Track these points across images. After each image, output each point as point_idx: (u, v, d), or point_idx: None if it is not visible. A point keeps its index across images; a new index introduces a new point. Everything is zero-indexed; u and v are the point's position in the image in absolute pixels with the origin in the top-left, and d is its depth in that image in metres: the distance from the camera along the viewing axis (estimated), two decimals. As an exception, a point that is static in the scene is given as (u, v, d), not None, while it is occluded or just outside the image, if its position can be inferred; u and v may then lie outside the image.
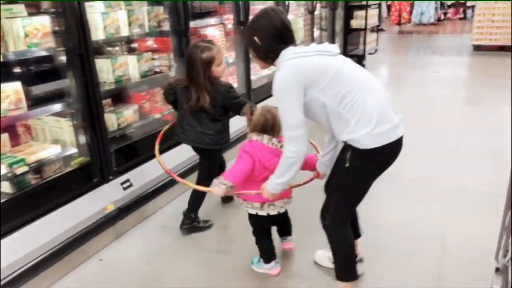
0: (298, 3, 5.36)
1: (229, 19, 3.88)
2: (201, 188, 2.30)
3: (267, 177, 1.91)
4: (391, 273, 2.24)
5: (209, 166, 2.61)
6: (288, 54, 1.73)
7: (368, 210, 2.22)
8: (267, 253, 2.24)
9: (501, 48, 8.93)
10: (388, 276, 2.21)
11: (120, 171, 2.68)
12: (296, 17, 5.29)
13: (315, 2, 5.39)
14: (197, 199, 2.61)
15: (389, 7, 13.99)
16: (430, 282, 2.16)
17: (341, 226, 1.92)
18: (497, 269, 1.48)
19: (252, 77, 4.24)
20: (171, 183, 2.91)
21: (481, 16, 9.03)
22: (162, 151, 2.49)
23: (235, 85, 4.03)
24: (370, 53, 7.59)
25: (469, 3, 15.30)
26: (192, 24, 3.23)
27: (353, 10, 6.88)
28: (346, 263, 1.96)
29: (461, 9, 15.64)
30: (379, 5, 7.99)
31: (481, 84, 6.34)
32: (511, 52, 8.07)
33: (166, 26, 3.08)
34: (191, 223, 2.66)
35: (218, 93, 2.34)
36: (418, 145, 3.82)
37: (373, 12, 7.10)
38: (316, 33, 6.06)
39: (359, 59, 7.28)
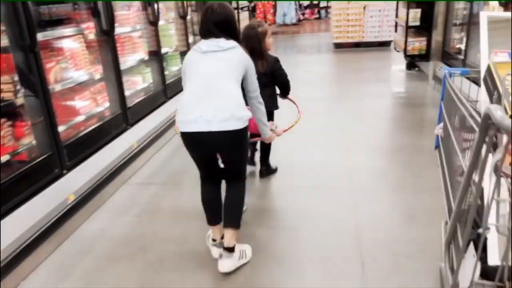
0: (168, 7, 4.92)
1: (89, 27, 3.25)
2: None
3: None
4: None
5: None
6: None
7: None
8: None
9: (356, 45, 9.83)
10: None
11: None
12: (166, 23, 4.85)
13: (186, 5, 5.02)
14: (267, 149, 3.37)
15: (254, 9, 14.37)
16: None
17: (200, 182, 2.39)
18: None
19: (127, 93, 3.70)
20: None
21: (337, 16, 9.77)
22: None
23: (106, 104, 3.43)
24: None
25: (321, 4, 16.72)
26: (40, 36, 2.57)
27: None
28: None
29: (316, 10, 16.97)
30: (249, 7, 7.99)
31: (350, 80, 6.79)
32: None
33: (5, 41, 2.37)
34: (267, 168, 3.42)
35: (269, 63, 3.00)
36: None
37: (245, 15, 7.02)
38: (191, 38, 5.70)
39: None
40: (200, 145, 2.11)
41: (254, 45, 2.89)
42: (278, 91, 3.23)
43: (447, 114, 1.99)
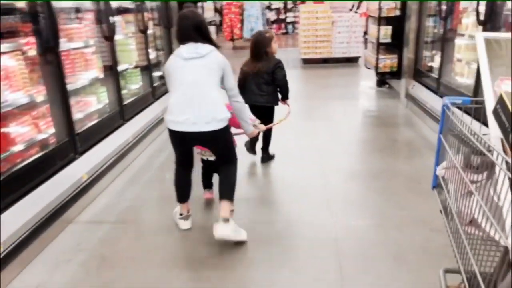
0: (128, 21, 4.52)
1: (29, 43, 2.81)
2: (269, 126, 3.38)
3: None
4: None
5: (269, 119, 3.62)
6: None
7: None
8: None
9: (325, 61, 9.72)
10: None
11: None
12: (125, 38, 4.44)
13: (146, 20, 4.64)
14: (268, 138, 3.82)
15: (220, 23, 14.10)
16: None
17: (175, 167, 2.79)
18: None
19: (78, 115, 3.27)
20: None
21: (306, 31, 9.64)
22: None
23: (50, 130, 2.98)
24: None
25: (288, 19, 16.72)
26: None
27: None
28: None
29: (283, 25, 16.94)
30: (215, 22, 7.68)
31: (320, 97, 6.57)
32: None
33: None
34: (267, 155, 3.87)
35: (271, 63, 3.52)
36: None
37: (211, 29, 6.70)
38: (153, 54, 5.31)
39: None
40: (184, 141, 2.57)
41: (262, 48, 3.52)
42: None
43: (450, 150, 1.73)
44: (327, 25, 9.43)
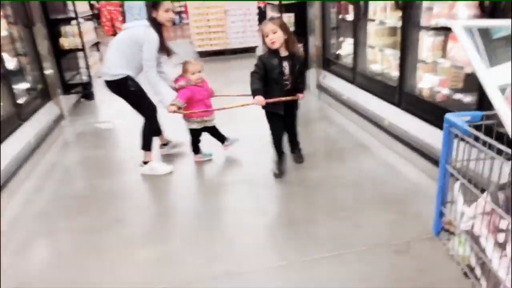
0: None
1: None
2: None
3: None
4: None
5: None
6: None
7: None
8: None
9: (221, 53, 9.12)
10: None
11: None
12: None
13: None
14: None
15: (98, 16, 12.52)
16: None
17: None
18: None
19: None
20: None
21: (197, 22, 8.91)
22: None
23: None
24: (99, 77, 6.07)
25: (177, 9, 15.67)
26: None
27: (59, 25, 5.15)
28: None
29: (170, 15, 15.83)
30: (93, 16, 6.50)
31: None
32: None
33: None
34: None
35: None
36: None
37: (88, 26, 5.56)
38: (12, 61, 4.11)
39: (85, 87, 5.67)
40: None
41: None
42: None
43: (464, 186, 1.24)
44: (220, 14, 8.81)
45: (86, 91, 5.72)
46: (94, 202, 3.10)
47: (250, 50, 9.17)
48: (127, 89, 3.32)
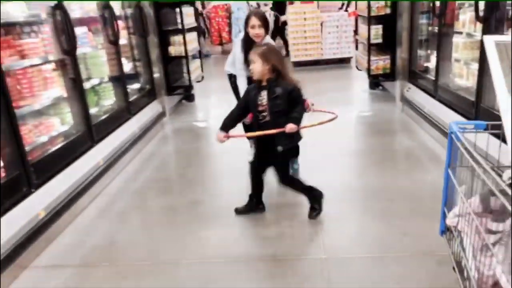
0: (96, 32, 4.15)
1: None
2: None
3: None
4: None
5: None
6: None
7: None
8: None
9: (316, 62, 9.38)
10: None
11: None
12: (95, 50, 4.07)
13: (118, 29, 4.27)
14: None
15: (207, 28, 13.72)
16: None
17: None
18: None
19: (43, 138, 2.88)
20: None
21: (294, 33, 9.31)
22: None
23: None
24: (198, 81, 6.83)
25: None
26: None
27: (169, 35, 5.97)
28: None
29: (273, 27, 16.57)
30: (197, 27, 7.31)
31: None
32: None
33: None
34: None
35: None
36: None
37: (192, 37, 6.32)
38: (129, 65, 4.94)
39: (186, 90, 6.43)
40: None
41: None
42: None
43: (462, 189, 1.36)
44: (316, 26, 9.09)
45: (187, 93, 6.48)
46: (178, 185, 3.64)
47: (344, 60, 9.27)
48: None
